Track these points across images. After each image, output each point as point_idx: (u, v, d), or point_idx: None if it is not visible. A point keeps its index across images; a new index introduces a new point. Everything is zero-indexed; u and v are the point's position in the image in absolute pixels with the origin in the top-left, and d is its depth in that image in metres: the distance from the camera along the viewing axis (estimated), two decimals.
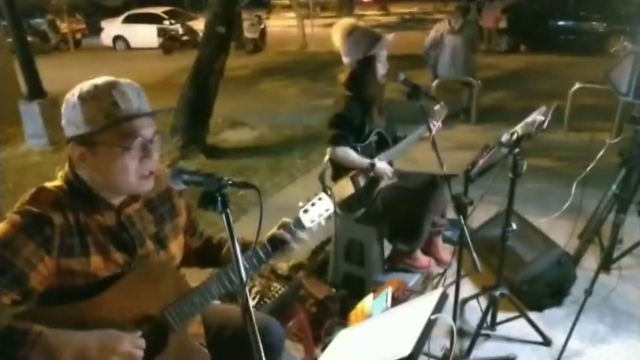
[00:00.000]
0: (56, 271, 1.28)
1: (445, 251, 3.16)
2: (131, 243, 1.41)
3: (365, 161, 2.67)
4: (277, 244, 1.55)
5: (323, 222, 1.63)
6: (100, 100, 1.28)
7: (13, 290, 1.21)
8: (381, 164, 2.69)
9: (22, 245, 1.23)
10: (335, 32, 2.71)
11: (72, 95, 1.31)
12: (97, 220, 1.36)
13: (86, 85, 1.32)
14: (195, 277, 1.60)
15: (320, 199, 1.61)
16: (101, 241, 1.36)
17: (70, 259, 1.29)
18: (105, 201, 1.38)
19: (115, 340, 1.26)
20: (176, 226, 1.56)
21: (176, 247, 1.55)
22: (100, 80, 1.32)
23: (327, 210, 1.62)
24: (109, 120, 1.27)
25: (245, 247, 1.50)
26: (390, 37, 2.71)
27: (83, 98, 1.29)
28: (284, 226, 1.57)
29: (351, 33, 2.66)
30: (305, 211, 1.59)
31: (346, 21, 2.75)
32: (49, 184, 1.36)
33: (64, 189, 1.35)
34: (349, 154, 2.66)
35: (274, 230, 1.57)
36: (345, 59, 2.72)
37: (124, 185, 1.35)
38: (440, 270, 2.98)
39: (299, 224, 1.58)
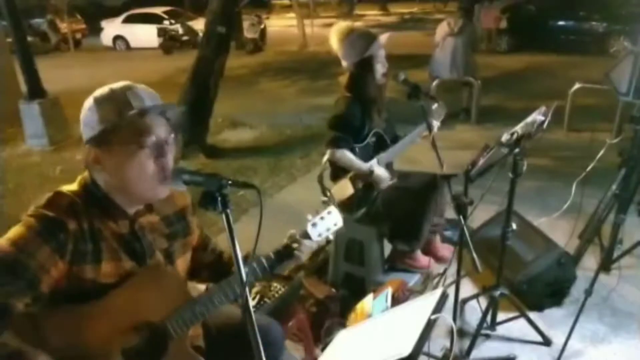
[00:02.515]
0: (66, 276, 1.28)
1: (445, 249, 3.17)
2: (141, 253, 1.41)
3: (364, 166, 2.67)
4: (282, 257, 1.56)
5: (331, 237, 1.63)
6: (114, 101, 1.31)
7: (26, 295, 1.21)
8: (380, 171, 2.70)
9: (37, 250, 1.23)
10: (332, 37, 2.72)
11: (89, 99, 1.34)
12: (110, 228, 1.36)
13: (102, 89, 1.35)
14: None
15: (329, 212, 1.61)
16: (114, 248, 1.36)
17: (82, 265, 1.29)
18: (121, 208, 1.38)
19: None
20: (186, 244, 1.56)
21: (182, 264, 1.55)
22: (117, 84, 1.35)
23: (335, 224, 1.61)
24: (120, 118, 1.28)
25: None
26: (385, 36, 2.72)
27: (98, 101, 1.32)
28: (290, 239, 1.58)
29: (347, 36, 2.67)
30: (314, 225, 1.59)
31: (342, 25, 2.75)
32: (65, 189, 1.35)
33: (80, 194, 1.35)
34: (349, 158, 2.66)
35: (282, 243, 1.58)
36: (344, 62, 2.73)
37: (138, 187, 1.34)
38: (440, 270, 2.98)
39: (306, 237, 1.58)
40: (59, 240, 1.25)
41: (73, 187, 1.37)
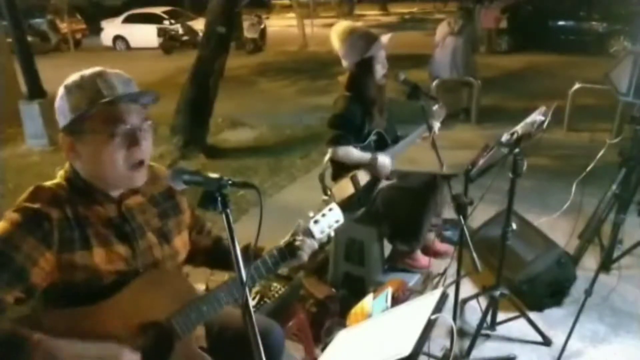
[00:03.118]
0: (58, 266, 1.27)
1: (441, 243, 3.18)
2: (132, 234, 1.40)
3: (367, 155, 2.68)
4: (286, 255, 1.56)
5: (332, 234, 1.63)
6: (84, 89, 1.29)
7: (15, 287, 1.21)
8: (383, 158, 2.69)
9: (21, 241, 1.22)
10: (333, 36, 2.73)
11: (61, 87, 1.33)
12: (97, 212, 1.36)
13: (74, 75, 1.33)
14: (197, 275, 1.60)
15: (330, 209, 1.62)
16: (103, 233, 1.34)
17: (71, 253, 1.28)
18: (104, 193, 1.37)
19: (115, 354, 1.25)
20: (180, 222, 1.55)
21: (180, 243, 1.54)
22: (88, 70, 1.33)
23: (337, 221, 1.62)
24: (91, 106, 1.27)
25: (258, 251, 1.52)
26: (386, 37, 2.72)
27: (69, 88, 1.31)
28: (294, 235, 1.58)
29: (348, 36, 2.67)
30: (316, 222, 1.59)
31: (343, 24, 2.75)
32: (46, 182, 1.36)
33: (62, 185, 1.35)
34: (351, 152, 2.67)
35: (284, 240, 1.58)
36: (344, 62, 2.73)
37: (113, 175, 1.33)
38: (440, 270, 2.98)
39: (309, 234, 1.58)
40: (44, 230, 1.25)
41: (54, 180, 1.37)
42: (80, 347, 1.22)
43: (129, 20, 17.00)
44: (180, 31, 15.64)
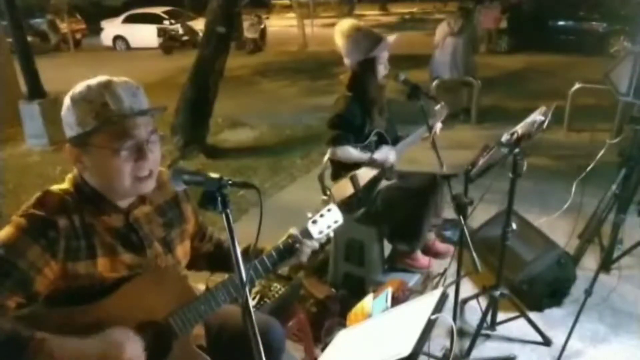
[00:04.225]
0: (62, 275, 1.28)
1: (441, 243, 3.18)
2: (140, 244, 1.41)
3: (365, 156, 2.67)
4: (284, 255, 1.55)
5: (331, 234, 1.63)
6: (91, 102, 1.27)
7: (17, 294, 1.21)
8: (379, 154, 2.69)
9: (27, 249, 1.22)
10: (337, 34, 2.71)
11: (67, 97, 1.31)
12: (104, 222, 1.35)
13: (80, 86, 1.31)
14: (197, 275, 1.60)
15: (329, 210, 1.62)
16: (108, 242, 1.34)
17: (76, 262, 1.29)
18: (112, 203, 1.37)
19: (118, 349, 1.25)
20: (183, 231, 1.55)
21: (181, 252, 1.54)
22: (94, 80, 1.30)
23: (336, 222, 1.62)
24: (97, 121, 1.26)
25: (258, 253, 1.52)
26: (391, 38, 2.71)
27: (75, 99, 1.29)
28: (291, 238, 1.57)
29: (352, 34, 2.66)
30: (314, 222, 1.59)
31: (348, 22, 2.74)
32: (54, 188, 1.35)
33: (71, 192, 1.34)
34: (349, 152, 2.67)
35: (281, 240, 1.57)
36: (347, 60, 2.72)
37: (120, 188, 1.33)
38: (440, 270, 2.98)
39: (307, 235, 1.58)
40: (49, 238, 1.25)
41: (63, 185, 1.36)
42: (83, 345, 1.22)
43: (129, 20, 17.02)
44: (180, 31, 15.66)
